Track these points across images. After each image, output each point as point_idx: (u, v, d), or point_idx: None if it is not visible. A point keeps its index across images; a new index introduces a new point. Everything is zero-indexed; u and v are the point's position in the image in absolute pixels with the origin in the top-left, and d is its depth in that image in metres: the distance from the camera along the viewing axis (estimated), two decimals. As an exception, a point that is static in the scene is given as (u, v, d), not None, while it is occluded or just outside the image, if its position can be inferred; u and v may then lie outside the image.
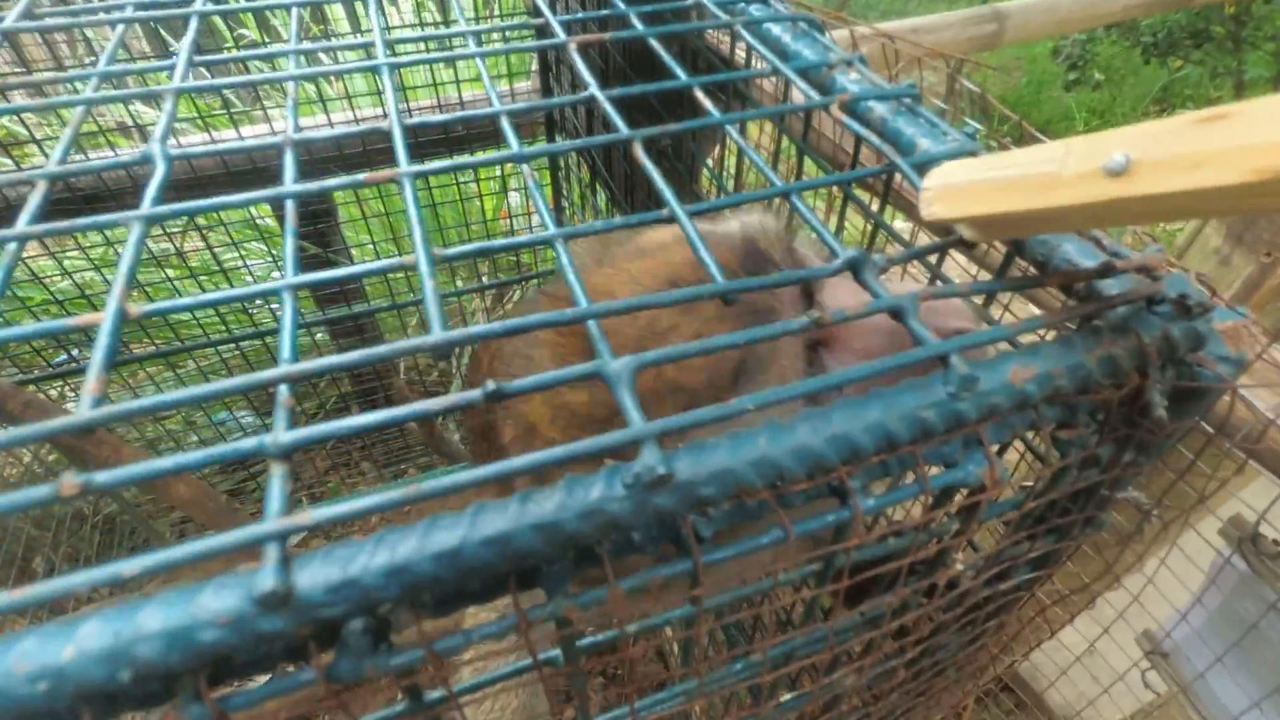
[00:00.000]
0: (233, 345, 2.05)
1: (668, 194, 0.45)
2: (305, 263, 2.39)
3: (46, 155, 1.54)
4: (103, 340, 0.35)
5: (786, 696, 0.56)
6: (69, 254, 2.01)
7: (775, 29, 0.70)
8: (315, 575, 0.28)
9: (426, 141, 1.98)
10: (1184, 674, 1.38)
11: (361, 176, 0.45)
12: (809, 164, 0.86)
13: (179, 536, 2.50)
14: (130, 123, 2.16)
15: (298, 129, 0.50)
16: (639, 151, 0.49)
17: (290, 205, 0.44)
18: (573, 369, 0.33)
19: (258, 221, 2.24)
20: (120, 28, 0.64)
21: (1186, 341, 0.39)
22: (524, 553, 0.30)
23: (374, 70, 0.57)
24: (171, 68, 0.58)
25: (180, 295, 2.10)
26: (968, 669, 0.94)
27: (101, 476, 0.28)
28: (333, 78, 2.26)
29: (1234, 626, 1.22)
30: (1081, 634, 1.67)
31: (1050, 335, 0.45)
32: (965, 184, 0.42)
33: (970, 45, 3.65)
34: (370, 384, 2.60)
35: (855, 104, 0.57)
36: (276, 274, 2.42)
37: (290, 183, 0.45)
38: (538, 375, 0.32)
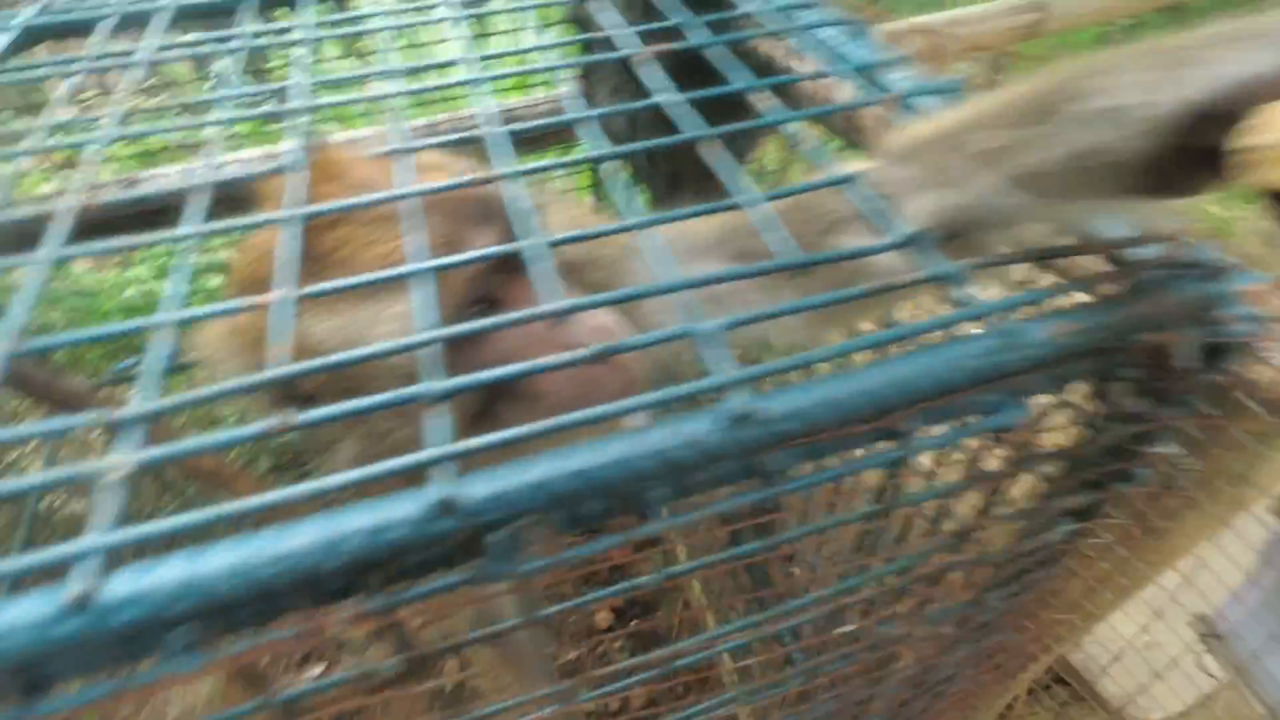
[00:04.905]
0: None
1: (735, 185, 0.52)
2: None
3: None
4: (280, 311, 0.43)
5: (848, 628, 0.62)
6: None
7: (828, 32, 0.76)
8: (475, 489, 0.35)
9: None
10: (1240, 656, 1.39)
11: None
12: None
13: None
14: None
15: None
16: (704, 152, 0.55)
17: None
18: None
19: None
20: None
21: (1209, 301, 0.44)
22: (641, 475, 0.37)
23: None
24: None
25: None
26: (1014, 644, 0.97)
27: (304, 415, 0.36)
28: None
29: (1289, 605, 1.23)
30: (1134, 621, 1.68)
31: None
32: None
33: (1012, 35, 3.62)
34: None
35: (906, 100, 0.63)
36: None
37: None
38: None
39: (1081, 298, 0.45)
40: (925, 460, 0.97)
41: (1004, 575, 0.69)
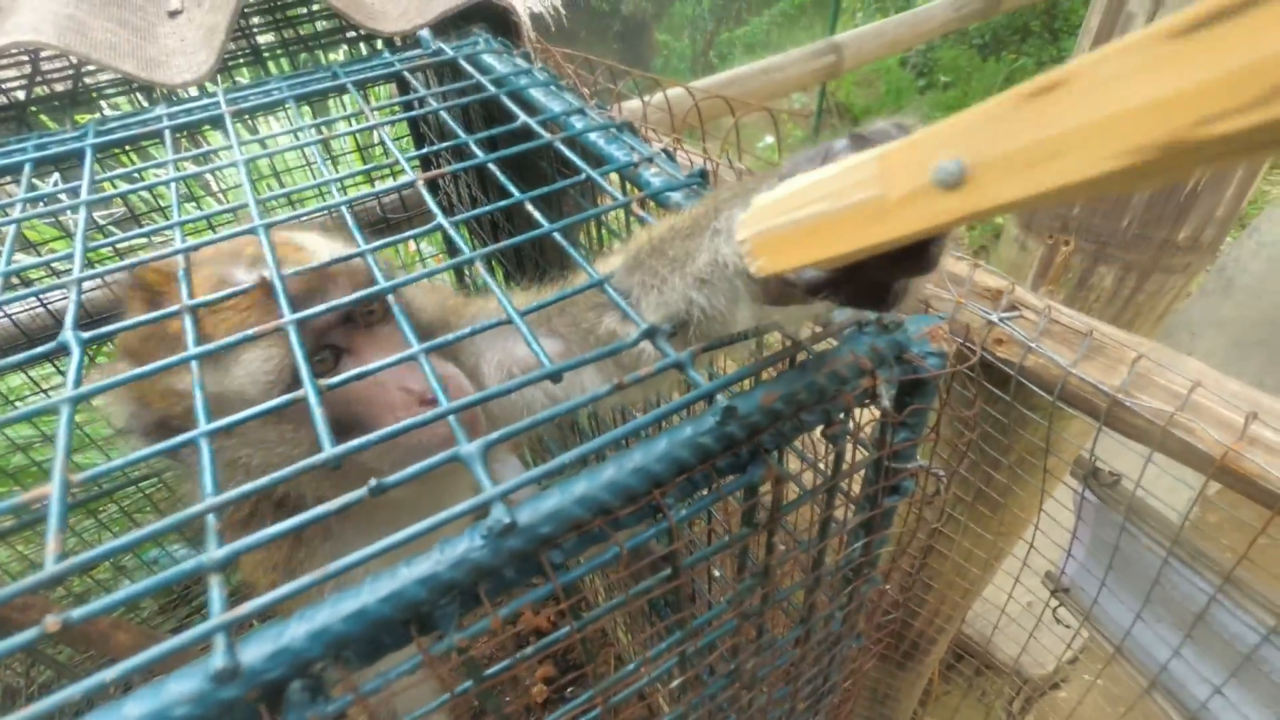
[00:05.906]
0: (156, 480, 2.06)
1: (504, 300, 0.57)
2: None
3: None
4: (55, 506, 0.44)
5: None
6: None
7: (593, 136, 0.84)
8: (256, 650, 0.37)
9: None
10: (1084, 604, 1.55)
11: (251, 331, 0.55)
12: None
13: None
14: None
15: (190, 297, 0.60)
16: (481, 267, 0.61)
17: (195, 366, 0.54)
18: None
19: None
20: (13, 228, 0.73)
21: (890, 349, 0.53)
22: (415, 603, 0.40)
23: (252, 231, 0.68)
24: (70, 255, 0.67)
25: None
26: (870, 627, 1.06)
27: (78, 611, 0.37)
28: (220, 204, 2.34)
29: (1105, 552, 1.40)
30: (1003, 589, 1.84)
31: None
32: (783, 228, 0.38)
33: (815, 77, 4.01)
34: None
35: (656, 196, 0.72)
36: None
37: (192, 347, 0.55)
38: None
39: (799, 359, 0.54)
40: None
41: (829, 593, 0.77)
